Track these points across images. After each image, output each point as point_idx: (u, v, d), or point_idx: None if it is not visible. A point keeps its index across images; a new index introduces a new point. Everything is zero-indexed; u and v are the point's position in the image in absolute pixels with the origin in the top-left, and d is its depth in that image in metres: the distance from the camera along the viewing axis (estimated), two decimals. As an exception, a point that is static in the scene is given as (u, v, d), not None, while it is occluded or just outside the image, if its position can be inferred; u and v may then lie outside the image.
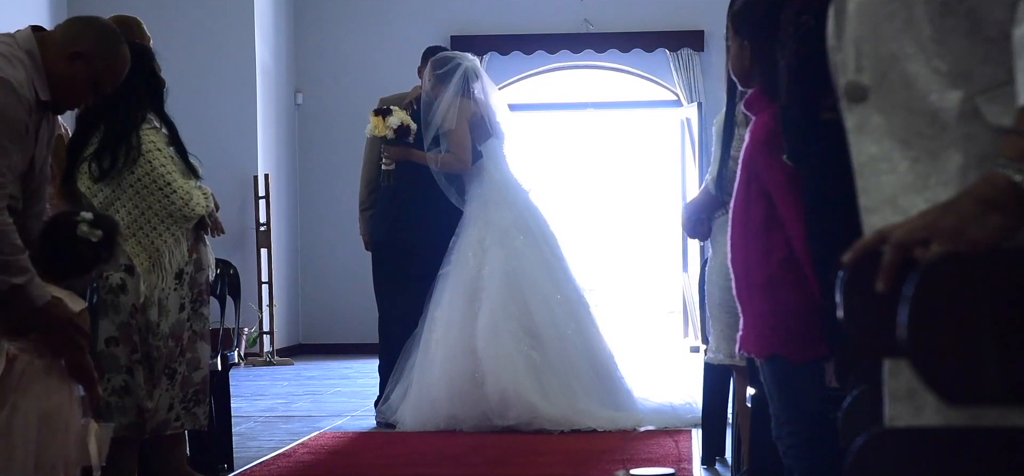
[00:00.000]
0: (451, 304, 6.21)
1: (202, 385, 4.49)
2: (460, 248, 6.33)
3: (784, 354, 2.88)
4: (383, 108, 6.44)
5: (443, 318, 6.20)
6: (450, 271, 6.30)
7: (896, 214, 1.62)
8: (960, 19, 1.62)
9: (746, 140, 2.94)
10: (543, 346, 6.11)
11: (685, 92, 10.98)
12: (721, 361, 4.36)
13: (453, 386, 6.05)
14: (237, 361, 5.69)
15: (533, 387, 5.99)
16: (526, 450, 5.51)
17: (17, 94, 3.31)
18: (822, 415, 2.84)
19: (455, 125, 6.38)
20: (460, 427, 6.02)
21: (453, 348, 6.09)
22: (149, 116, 4.43)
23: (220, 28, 10.31)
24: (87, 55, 3.50)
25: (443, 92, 6.42)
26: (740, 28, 2.94)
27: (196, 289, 4.47)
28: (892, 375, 1.63)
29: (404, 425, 6.10)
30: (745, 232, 2.93)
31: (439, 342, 6.15)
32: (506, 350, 6.04)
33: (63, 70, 3.45)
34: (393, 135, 6.35)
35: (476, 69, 6.59)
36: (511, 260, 6.26)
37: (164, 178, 4.36)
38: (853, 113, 1.70)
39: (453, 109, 6.40)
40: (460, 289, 6.22)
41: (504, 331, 6.08)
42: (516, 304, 6.16)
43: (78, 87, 3.52)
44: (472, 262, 6.27)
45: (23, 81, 3.33)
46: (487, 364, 6.03)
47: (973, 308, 1.44)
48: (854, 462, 1.52)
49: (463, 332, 6.11)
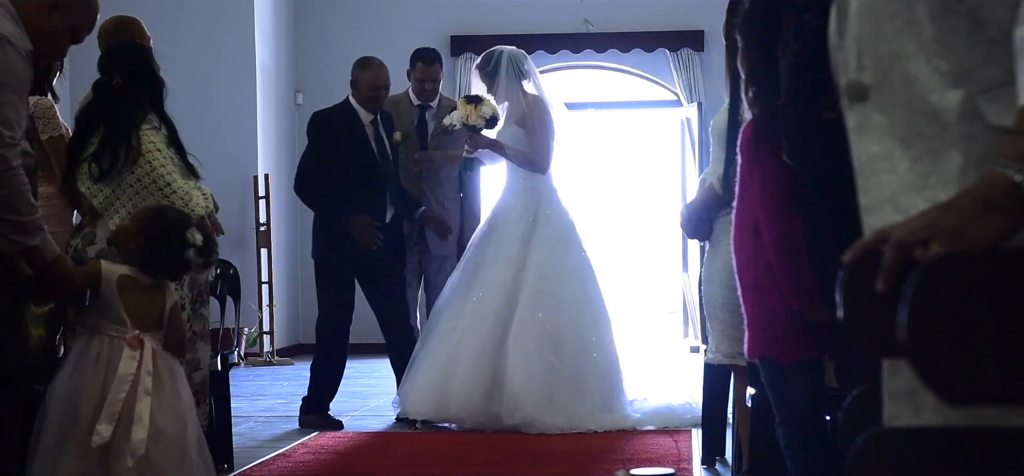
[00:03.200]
0: (486, 298, 6.19)
1: (202, 386, 4.48)
2: (501, 242, 6.30)
3: (770, 356, 2.90)
4: (474, 96, 6.39)
5: (474, 310, 6.17)
6: (486, 262, 6.28)
7: (896, 213, 1.62)
8: (961, 19, 1.62)
9: None
10: (564, 354, 6.10)
11: (685, 92, 10.98)
12: (721, 361, 4.36)
13: (477, 380, 6.03)
14: (237, 361, 5.70)
15: (542, 394, 5.97)
16: (526, 450, 5.51)
17: (16, 47, 3.35)
18: (813, 416, 2.86)
19: (537, 123, 6.36)
20: (464, 424, 6.02)
21: (483, 342, 6.08)
22: (149, 116, 4.43)
23: (220, 28, 10.30)
24: (63, 5, 3.55)
25: (499, 86, 6.40)
26: (743, 29, 2.95)
27: (196, 289, 4.46)
28: (892, 375, 1.63)
29: (413, 410, 6.08)
30: (739, 234, 2.97)
31: (468, 333, 6.12)
32: (527, 352, 6.03)
33: (41, 23, 3.50)
34: (484, 124, 6.34)
35: (521, 58, 6.55)
36: (550, 265, 6.26)
37: (164, 178, 4.36)
38: (854, 112, 1.70)
39: (522, 103, 6.40)
40: (498, 285, 6.20)
41: (529, 335, 6.08)
42: (547, 309, 6.15)
43: (57, 38, 3.58)
44: (515, 260, 6.26)
45: (15, 32, 3.37)
46: (509, 363, 6.03)
47: (973, 308, 1.44)
48: (854, 462, 1.52)
49: (494, 329, 6.11)
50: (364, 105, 6.40)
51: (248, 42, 10.32)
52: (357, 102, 6.42)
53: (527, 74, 6.51)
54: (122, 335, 3.51)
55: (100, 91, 4.41)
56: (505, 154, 6.35)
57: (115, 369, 3.46)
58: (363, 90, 6.39)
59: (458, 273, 6.40)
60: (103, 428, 3.39)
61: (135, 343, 3.51)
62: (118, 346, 3.49)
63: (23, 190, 3.35)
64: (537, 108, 6.42)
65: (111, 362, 3.48)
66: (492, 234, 6.35)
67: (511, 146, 6.35)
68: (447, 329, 6.20)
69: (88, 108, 4.45)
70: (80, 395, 3.44)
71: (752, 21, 2.86)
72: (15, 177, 3.32)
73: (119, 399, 3.43)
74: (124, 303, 3.54)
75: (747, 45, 2.91)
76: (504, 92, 6.40)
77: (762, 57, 2.78)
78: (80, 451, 3.41)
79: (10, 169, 3.30)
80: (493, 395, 6.00)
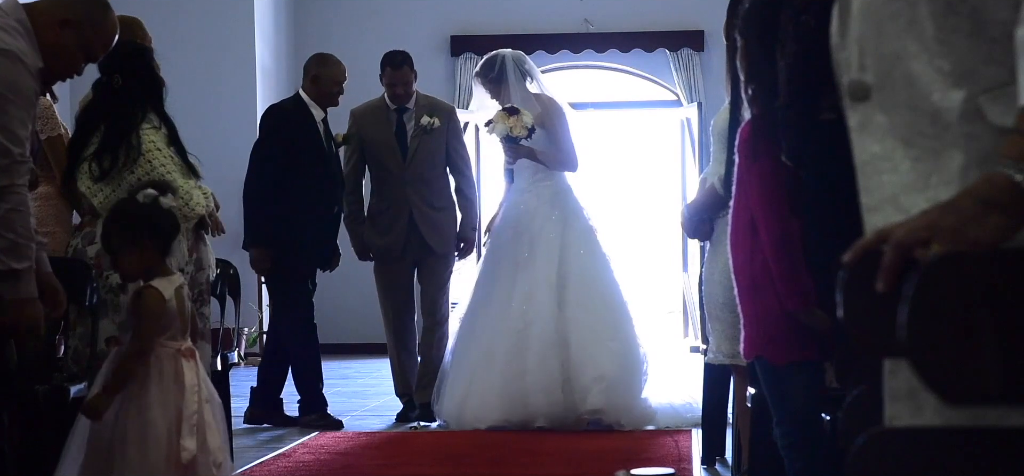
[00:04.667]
0: (535, 297, 6.19)
1: (203, 384, 4.48)
2: (536, 242, 6.32)
3: (766, 356, 2.91)
4: (510, 107, 6.38)
5: (523, 311, 6.17)
6: (523, 264, 6.28)
7: (897, 213, 1.62)
8: (963, 19, 1.62)
9: None
10: (618, 341, 6.18)
11: (685, 92, 10.97)
12: (721, 361, 4.36)
13: (552, 376, 6.04)
14: (237, 361, 5.70)
15: (617, 379, 6.05)
16: (526, 450, 5.51)
17: (24, 63, 3.33)
18: (810, 416, 2.86)
19: (556, 122, 6.41)
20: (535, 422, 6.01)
21: (547, 339, 6.09)
22: (149, 116, 4.43)
23: (220, 28, 10.30)
24: (75, 22, 3.51)
25: (506, 91, 6.44)
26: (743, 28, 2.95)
27: (196, 289, 4.46)
28: (892, 375, 1.63)
29: (477, 419, 6.08)
30: (735, 234, 2.97)
31: (527, 333, 6.12)
32: (588, 342, 6.09)
33: (53, 39, 3.46)
34: (526, 134, 6.35)
35: (521, 59, 6.61)
36: (588, 259, 6.33)
37: (164, 178, 4.36)
38: (856, 112, 1.70)
39: (535, 105, 6.43)
40: (544, 283, 6.22)
41: (586, 325, 6.13)
42: (594, 301, 6.22)
43: (69, 55, 3.53)
44: (554, 257, 6.28)
45: (25, 49, 3.34)
46: (573, 355, 6.06)
47: (973, 308, 1.44)
48: (854, 462, 1.52)
49: (549, 324, 6.12)
50: (318, 101, 6.45)
51: (248, 42, 10.32)
52: (311, 98, 6.44)
53: (530, 74, 6.54)
54: (178, 347, 3.52)
55: (100, 91, 4.41)
56: (541, 160, 6.39)
57: (180, 383, 3.47)
58: (325, 84, 6.45)
59: (488, 278, 6.40)
60: (189, 442, 3.40)
61: (189, 354, 3.53)
62: (174, 357, 3.51)
63: (24, 210, 3.31)
64: (551, 107, 6.49)
65: (177, 376, 3.49)
66: (523, 235, 6.36)
67: (542, 151, 6.38)
68: (497, 333, 6.18)
69: (88, 108, 4.44)
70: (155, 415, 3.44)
71: (752, 20, 2.86)
72: (18, 196, 3.28)
73: (194, 412, 3.44)
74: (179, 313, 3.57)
75: (747, 44, 2.91)
76: (515, 96, 6.44)
77: (761, 57, 2.78)
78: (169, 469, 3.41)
79: (14, 187, 3.26)
80: (565, 388, 6.04)
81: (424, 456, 5.48)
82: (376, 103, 6.78)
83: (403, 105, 6.67)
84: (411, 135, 6.63)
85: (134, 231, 3.55)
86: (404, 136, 6.65)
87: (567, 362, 6.05)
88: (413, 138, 6.62)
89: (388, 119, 6.67)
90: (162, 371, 3.47)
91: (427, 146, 6.61)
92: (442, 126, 6.59)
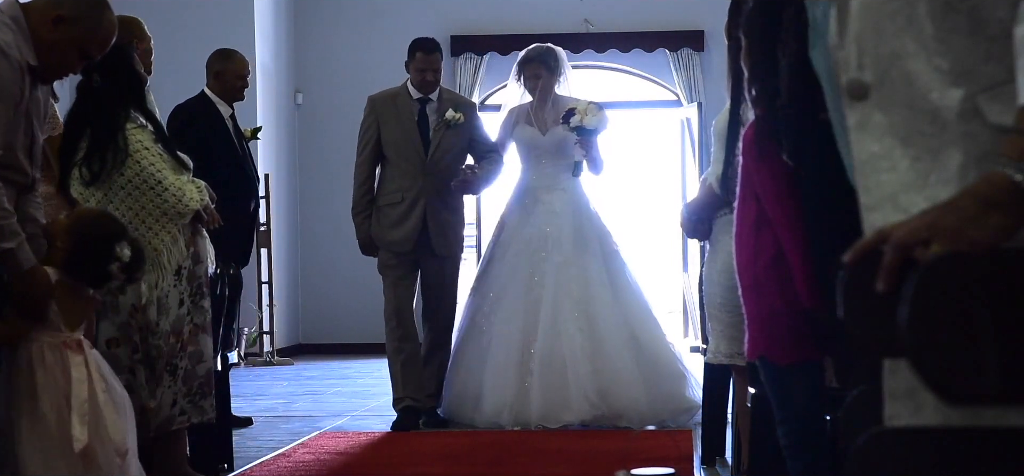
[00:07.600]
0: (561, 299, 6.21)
1: (206, 377, 4.47)
2: (561, 239, 6.33)
3: (770, 356, 2.90)
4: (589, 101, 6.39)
5: (554, 314, 6.18)
6: (548, 266, 6.29)
7: (896, 212, 1.62)
8: (962, 18, 1.61)
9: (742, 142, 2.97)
10: (644, 338, 6.22)
11: (685, 92, 10.98)
12: (721, 361, 4.36)
13: (590, 377, 6.07)
14: (237, 361, 5.69)
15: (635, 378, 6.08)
16: (526, 450, 5.51)
17: (8, 57, 3.32)
18: (812, 416, 2.86)
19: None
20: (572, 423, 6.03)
21: (573, 336, 6.11)
22: (134, 114, 4.41)
23: (220, 28, 10.29)
24: (70, 19, 3.50)
25: (552, 84, 6.49)
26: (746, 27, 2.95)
27: (195, 282, 4.45)
28: (892, 375, 1.63)
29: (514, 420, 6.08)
30: (739, 233, 2.97)
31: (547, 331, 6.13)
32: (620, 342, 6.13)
33: (47, 35, 3.45)
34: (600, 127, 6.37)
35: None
36: (609, 258, 6.38)
37: (154, 177, 4.34)
38: (854, 111, 1.70)
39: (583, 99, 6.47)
40: (572, 281, 6.25)
41: (616, 324, 6.18)
42: (620, 299, 6.28)
43: (64, 53, 3.52)
44: (574, 255, 6.31)
45: (11, 43, 3.34)
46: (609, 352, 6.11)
47: (973, 308, 1.44)
48: (854, 461, 1.52)
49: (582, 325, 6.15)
50: (224, 97, 6.43)
51: (248, 42, 10.31)
52: (216, 95, 6.42)
53: (566, 75, 6.66)
54: (59, 340, 3.49)
55: (81, 92, 4.38)
56: (596, 157, 6.42)
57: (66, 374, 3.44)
58: (229, 79, 6.43)
59: (501, 272, 6.39)
60: (78, 431, 3.39)
61: (74, 345, 3.50)
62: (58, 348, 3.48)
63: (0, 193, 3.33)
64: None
65: (63, 366, 3.46)
66: (542, 231, 6.37)
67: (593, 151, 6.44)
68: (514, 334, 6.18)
69: (72, 111, 4.42)
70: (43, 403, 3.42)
71: (755, 19, 2.86)
72: None
73: (83, 401, 3.42)
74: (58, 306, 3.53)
75: (750, 43, 2.91)
76: (561, 91, 6.50)
77: (764, 56, 2.78)
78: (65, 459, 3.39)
79: None
80: (601, 393, 6.07)
81: (424, 456, 5.48)
82: (398, 90, 6.53)
83: (428, 94, 6.44)
84: (433, 128, 6.40)
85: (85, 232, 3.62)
86: (426, 128, 6.41)
87: (601, 367, 6.08)
88: (436, 131, 6.39)
89: (410, 109, 6.43)
90: (45, 360, 3.45)
91: (449, 141, 6.40)
92: (466, 122, 6.44)
